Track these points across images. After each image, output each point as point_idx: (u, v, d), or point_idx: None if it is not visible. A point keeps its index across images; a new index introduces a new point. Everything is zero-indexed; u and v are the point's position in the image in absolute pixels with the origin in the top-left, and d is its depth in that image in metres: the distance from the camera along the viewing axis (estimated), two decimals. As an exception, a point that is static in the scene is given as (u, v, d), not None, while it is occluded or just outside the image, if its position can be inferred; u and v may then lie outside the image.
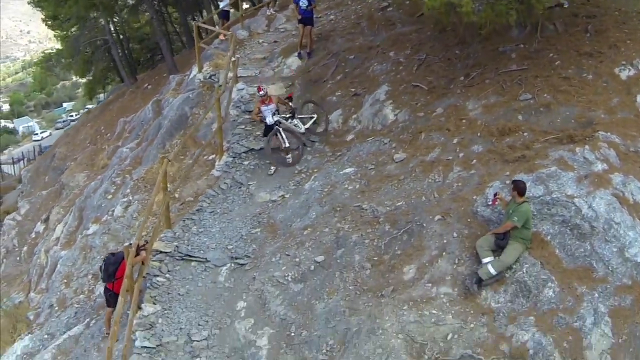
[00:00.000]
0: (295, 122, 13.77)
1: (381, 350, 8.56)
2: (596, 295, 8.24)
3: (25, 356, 11.68)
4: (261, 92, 13.58)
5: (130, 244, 10.11)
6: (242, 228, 11.61)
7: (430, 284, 9.08)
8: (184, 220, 12.01)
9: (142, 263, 10.49)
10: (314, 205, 11.23)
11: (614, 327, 7.93)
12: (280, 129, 13.35)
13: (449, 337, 8.43)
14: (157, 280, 10.72)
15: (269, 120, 13.34)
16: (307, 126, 13.89)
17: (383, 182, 11.09)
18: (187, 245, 11.36)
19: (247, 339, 9.67)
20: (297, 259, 10.30)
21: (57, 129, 76.57)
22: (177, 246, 11.31)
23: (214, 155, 14.21)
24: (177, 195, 13.47)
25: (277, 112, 13.56)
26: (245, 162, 13.29)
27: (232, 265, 10.88)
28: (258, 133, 13.93)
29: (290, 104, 14.08)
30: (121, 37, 32.49)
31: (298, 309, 9.74)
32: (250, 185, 12.57)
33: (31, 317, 14.16)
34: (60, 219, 17.58)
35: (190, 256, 11.13)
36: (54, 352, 11.18)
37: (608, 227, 8.86)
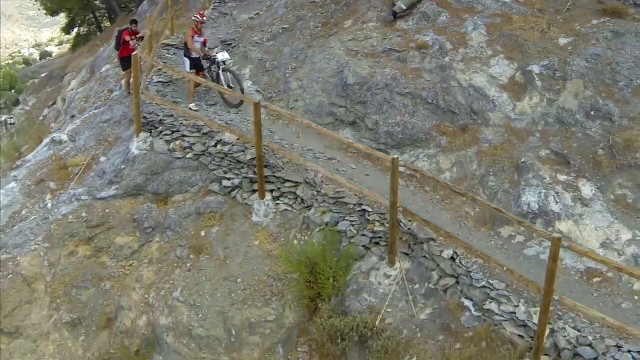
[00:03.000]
0: None
1: (328, 56, 11.41)
2: (476, 17, 11.32)
3: (54, 141, 13.63)
4: (204, 18, 11.73)
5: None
6: (228, 30, 14.33)
7: (362, 23, 12.04)
8: (183, 32, 14.65)
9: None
10: (281, 9, 14.07)
11: (488, 30, 10.99)
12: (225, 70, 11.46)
13: (374, 44, 11.36)
14: (167, 57, 13.31)
15: (200, 53, 11.39)
16: None
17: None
18: (188, 40, 14.04)
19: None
20: (270, 30, 13.15)
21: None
22: (181, 40, 13.96)
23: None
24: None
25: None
26: (229, 4, 15.98)
27: (222, 46, 13.50)
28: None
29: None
30: None
31: (270, 53, 12.53)
32: (233, 12, 15.30)
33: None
34: (74, 77, 19.76)
35: (190, 44, 13.76)
36: (82, 120, 13.49)
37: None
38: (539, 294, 6.66)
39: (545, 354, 6.89)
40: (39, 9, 33.33)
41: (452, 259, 7.82)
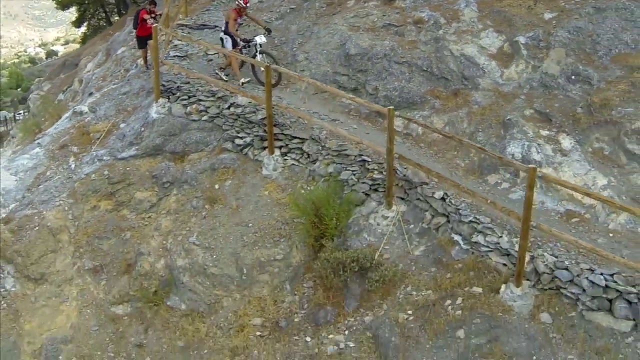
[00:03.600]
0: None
1: (332, 31, 12.26)
2: (467, -5, 12.19)
3: (75, 113, 14.40)
4: (248, 4, 11.67)
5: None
6: (238, 13, 15.21)
7: (363, 2, 12.90)
8: (196, 15, 15.57)
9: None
10: (288, -8, 15.00)
11: (479, 7, 11.83)
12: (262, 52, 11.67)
13: (375, 20, 12.20)
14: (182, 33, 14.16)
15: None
16: None
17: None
18: (201, 22, 14.89)
19: (245, 49, 13.20)
20: (278, 10, 14.02)
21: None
22: (194, 21, 14.86)
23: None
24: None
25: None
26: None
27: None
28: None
29: None
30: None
31: (278, 31, 13.33)
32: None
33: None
34: (90, 60, 20.59)
35: (204, 25, 14.61)
36: (101, 94, 14.33)
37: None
38: (519, 221, 7.44)
39: (527, 279, 7.67)
40: (53, 1, 34.19)
41: (443, 199, 8.61)
